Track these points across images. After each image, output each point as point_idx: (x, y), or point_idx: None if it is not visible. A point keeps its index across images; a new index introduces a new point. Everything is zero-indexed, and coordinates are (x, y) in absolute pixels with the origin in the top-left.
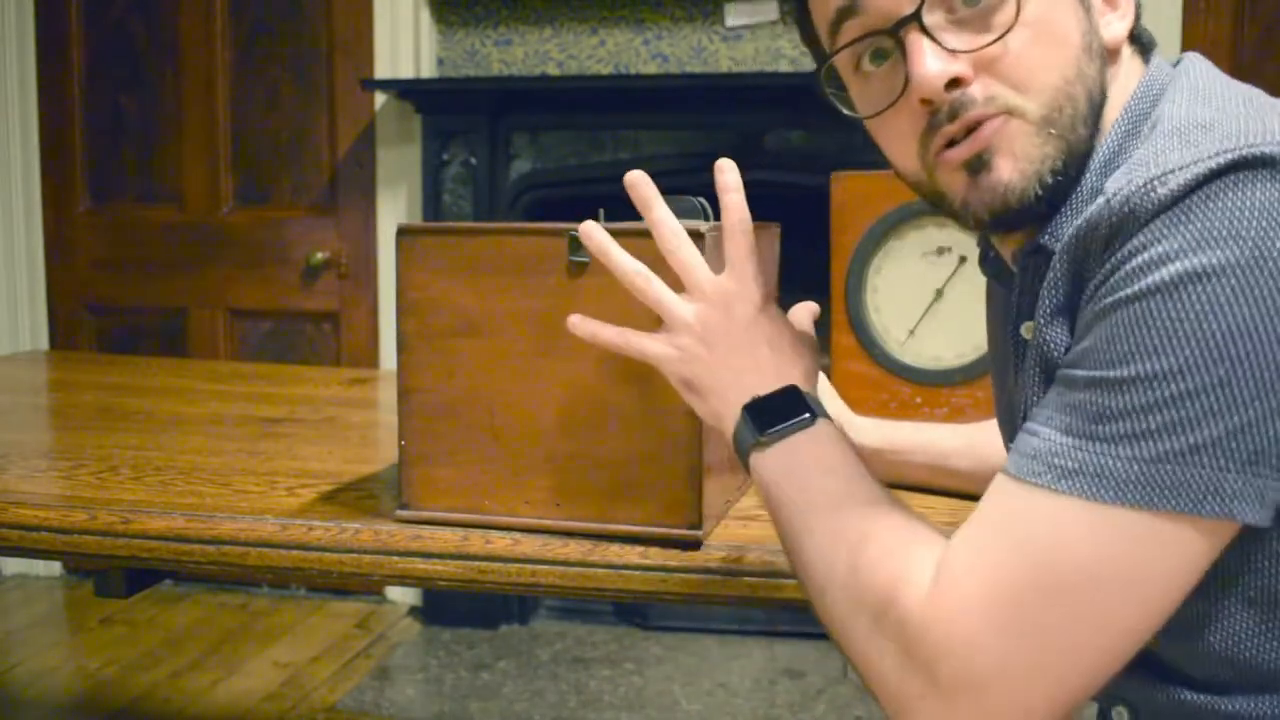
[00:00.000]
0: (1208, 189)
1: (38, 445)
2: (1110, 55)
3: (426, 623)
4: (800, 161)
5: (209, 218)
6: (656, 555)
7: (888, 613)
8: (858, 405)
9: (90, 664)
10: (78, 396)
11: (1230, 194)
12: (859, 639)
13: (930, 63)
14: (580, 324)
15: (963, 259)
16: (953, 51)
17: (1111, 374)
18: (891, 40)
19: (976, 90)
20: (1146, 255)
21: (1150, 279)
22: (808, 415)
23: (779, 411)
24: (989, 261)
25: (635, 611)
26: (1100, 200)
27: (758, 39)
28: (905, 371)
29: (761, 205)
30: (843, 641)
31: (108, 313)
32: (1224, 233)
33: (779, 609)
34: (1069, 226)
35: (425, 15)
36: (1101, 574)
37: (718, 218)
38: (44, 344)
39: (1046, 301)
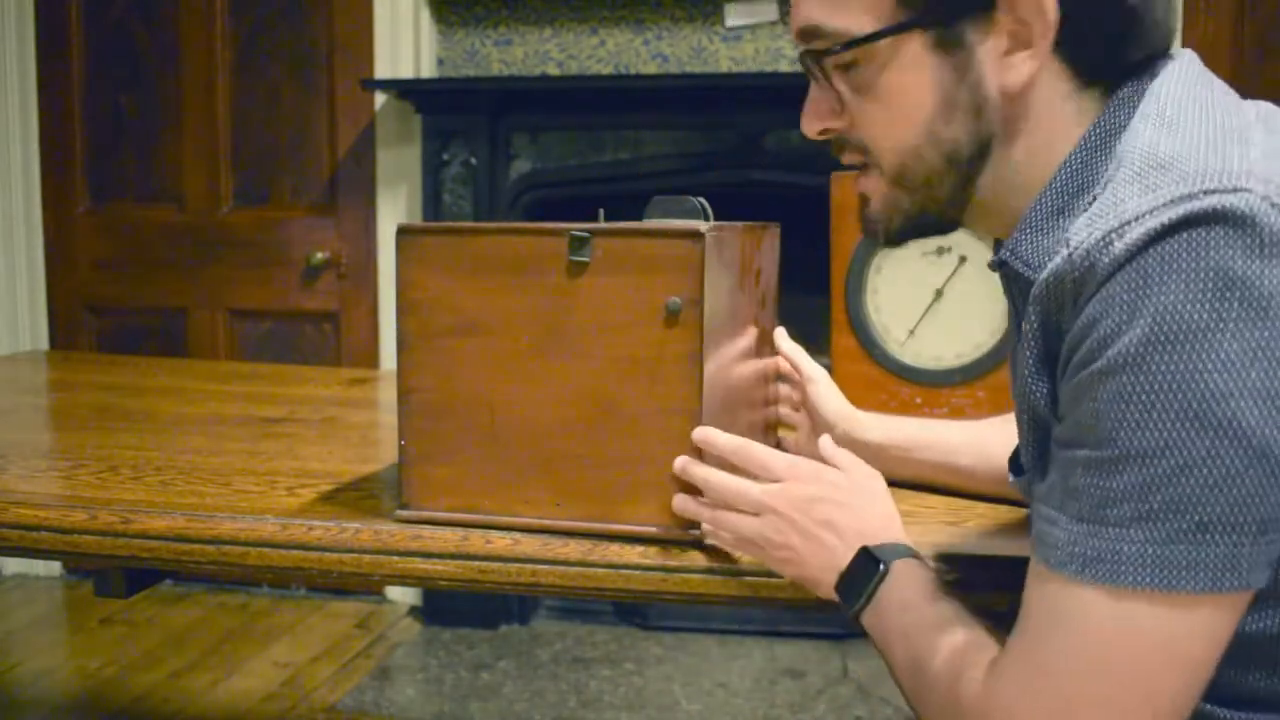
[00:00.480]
0: (1161, 248)
1: (38, 445)
2: (1013, 98)
3: (426, 623)
4: (800, 161)
5: (209, 218)
6: (656, 555)
7: (953, 711)
8: (858, 405)
9: (90, 664)
10: (78, 396)
11: (1184, 256)
12: None
13: (804, 118)
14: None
15: (963, 259)
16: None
17: (1103, 454)
18: None
19: (851, 135)
20: (1110, 322)
21: (1116, 350)
22: (880, 568)
23: (858, 579)
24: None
25: (635, 611)
26: (1064, 252)
27: (758, 39)
28: (905, 371)
29: (761, 205)
30: None
31: (108, 313)
32: (1180, 299)
33: (779, 609)
34: (1028, 244)
35: (425, 15)
36: (1136, 655)
37: (719, 218)
38: (44, 344)
39: (1027, 354)
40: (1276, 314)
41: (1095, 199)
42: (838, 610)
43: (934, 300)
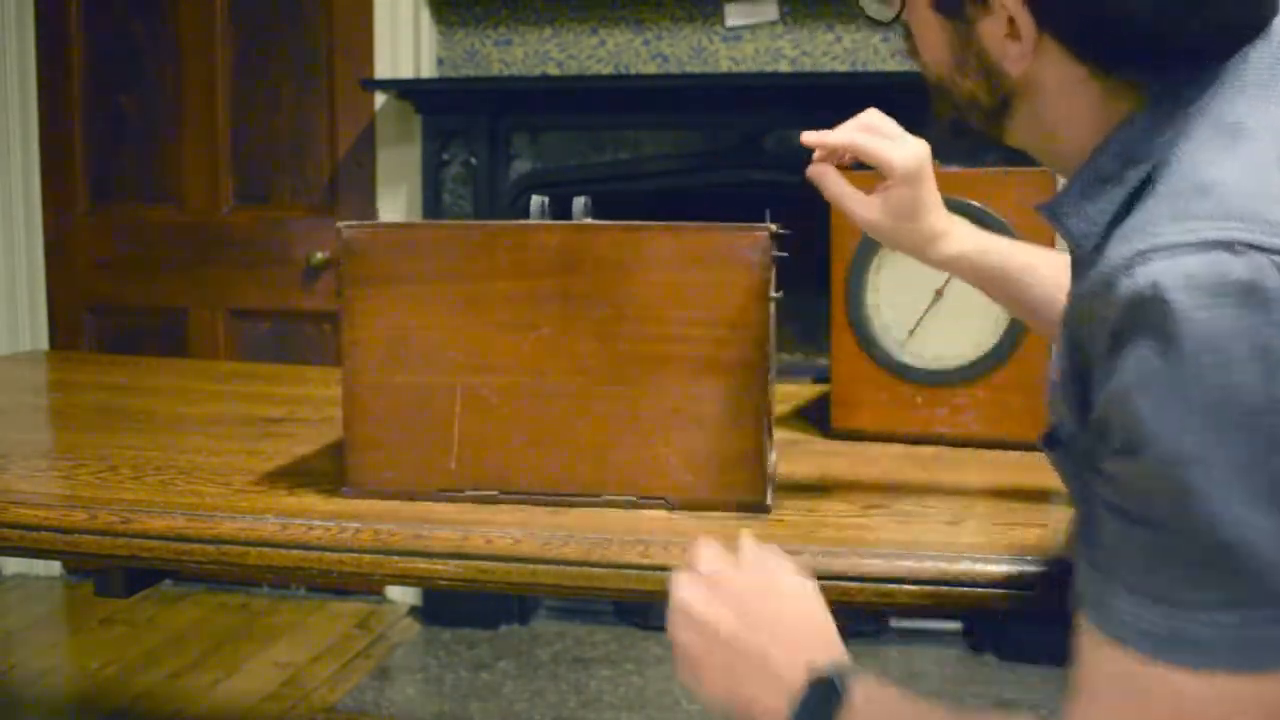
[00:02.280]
0: (1180, 304)
1: (38, 445)
2: (1022, 78)
3: (426, 623)
4: (800, 161)
5: (209, 218)
6: (656, 555)
7: None
8: (857, 405)
9: (90, 664)
10: (78, 396)
11: (1202, 319)
12: None
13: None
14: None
15: None
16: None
17: (1164, 539)
18: None
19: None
20: (1130, 377)
21: (1144, 432)
22: (835, 696)
23: (818, 709)
24: None
25: (635, 611)
26: (1102, 266)
27: (758, 39)
28: (905, 371)
29: (761, 205)
30: None
31: (108, 313)
32: (1194, 372)
33: None
34: (1071, 207)
35: (425, 15)
36: None
37: (719, 217)
38: (44, 344)
39: (1059, 367)
40: None
41: (1147, 180)
42: (837, 610)
43: (934, 300)
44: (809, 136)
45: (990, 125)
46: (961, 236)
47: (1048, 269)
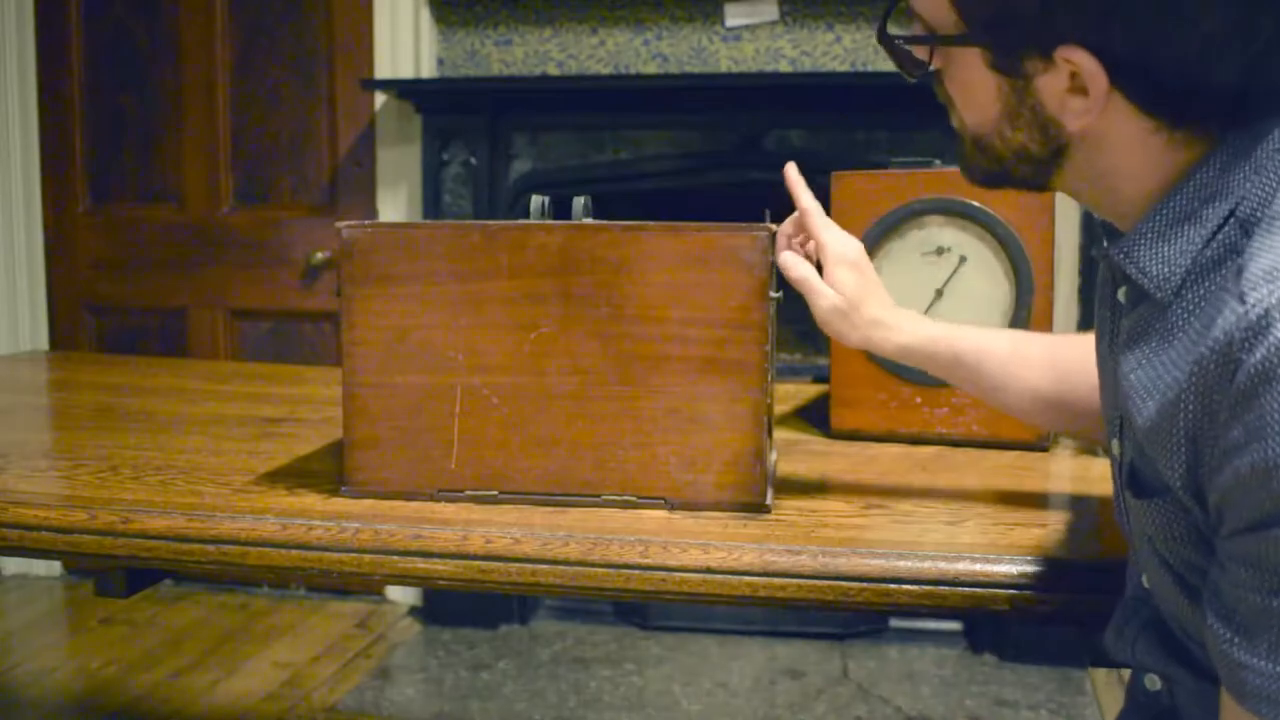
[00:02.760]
0: None
1: (38, 445)
2: (1083, 138)
3: (426, 623)
4: (800, 161)
5: (209, 217)
6: (656, 555)
7: None
8: (857, 405)
9: (90, 664)
10: (78, 396)
11: None
12: None
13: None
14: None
15: (963, 259)
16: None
17: None
18: None
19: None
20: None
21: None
22: None
23: None
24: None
25: (635, 611)
26: (1236, 308)
27: (757, 39)
28: (905, 371)
29: (761, 205)
30: None
31: (108, 313)
32: None
33: (779, 609)
34: (1147, 252)
35: (425, 15)
36: None
37: (720, 217)
38: (44, 344)
39: (1176, 419)
40: None
41: (1238, 217)
42: (837, 610)
43: (934, 300)
44: (792, 174)
45: (1037, 174)
46: (912, 328)
47: (999, 352)
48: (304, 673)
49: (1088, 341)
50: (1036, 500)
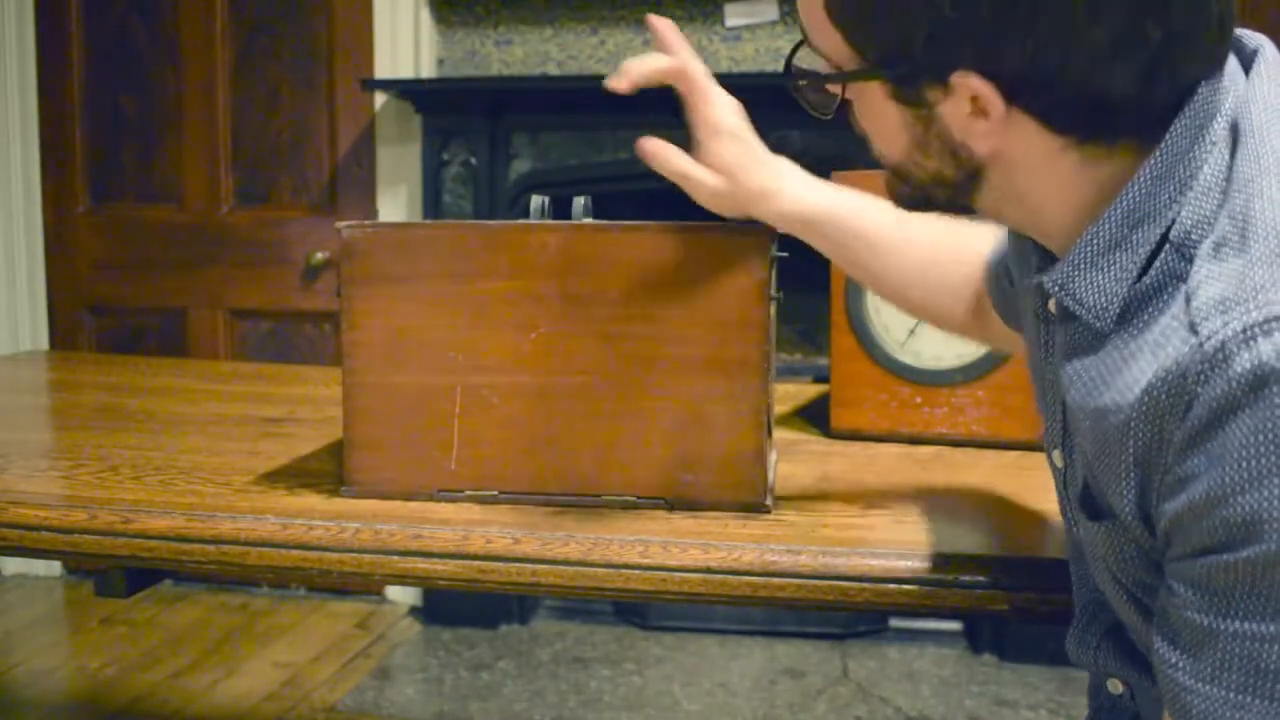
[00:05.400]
0: None
1: (38, 445)
2: (994, 159)
3: (426, 623)
4: (800, 161)
5: (209, 218)
6: (656, 555)
7: None
8: (857, 405)
9: (90, 664)
10: (78, 396)
11: None
12: None
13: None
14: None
15: None
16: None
17: (1249, 627)
18: None
19: None
20: (1242, 467)
21: (1256, 551)
22: None
23: None
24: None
25: (635, 611)
26: (1189, 339)
27: (758, 39)
28: (905, 371)
29: None
30: None
31: (108, 313)
32: None
33: (779, 609)
34: (1082, 281)
35: (425, 15)
36: None
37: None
38: (44, 344)
39: (1123, 452)
40: None
41: (1173, 242)
42: (837, 610)
43: None
44: (660, 24)
45: (956, 197)
46: (795, 195)
47: (886, 224)
48: (304, 673)
49: (982, 231)
50: (1036, 500)
